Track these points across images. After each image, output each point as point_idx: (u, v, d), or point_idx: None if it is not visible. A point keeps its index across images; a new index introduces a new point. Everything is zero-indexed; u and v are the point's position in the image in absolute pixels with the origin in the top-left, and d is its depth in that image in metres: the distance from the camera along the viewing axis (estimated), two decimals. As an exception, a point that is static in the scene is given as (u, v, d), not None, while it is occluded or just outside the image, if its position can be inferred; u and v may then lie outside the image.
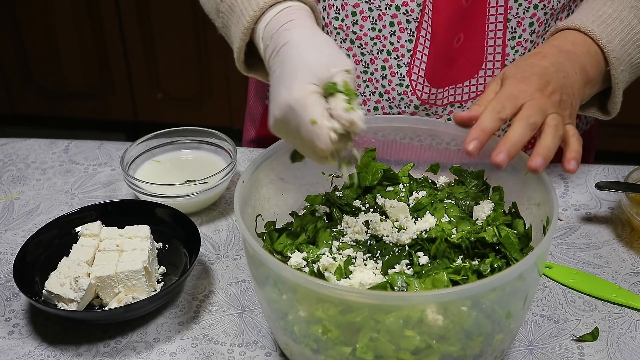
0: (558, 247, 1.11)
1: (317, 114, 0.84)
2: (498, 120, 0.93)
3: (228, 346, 0.96)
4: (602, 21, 1.05)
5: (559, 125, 0.94)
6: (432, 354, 0.82)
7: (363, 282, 0.87)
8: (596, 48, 1.04)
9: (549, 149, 0.92)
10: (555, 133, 0.93)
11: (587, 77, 1.02)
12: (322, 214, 1.00)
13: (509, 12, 1.12)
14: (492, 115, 0.93)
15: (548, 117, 0.94)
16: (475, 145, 0.92)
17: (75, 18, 2.86)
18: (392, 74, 1.16)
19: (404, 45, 1.14)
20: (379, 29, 1.14)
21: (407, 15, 1.12)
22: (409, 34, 1.13)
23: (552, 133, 0.93)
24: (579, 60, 1.02)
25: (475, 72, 1.16)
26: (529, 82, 0.97)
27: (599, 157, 1.46)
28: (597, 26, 1.04)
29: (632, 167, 1.17)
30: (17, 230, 1.16)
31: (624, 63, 1.05)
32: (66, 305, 0.97)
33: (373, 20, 1.14)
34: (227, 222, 1.17)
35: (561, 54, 1.02)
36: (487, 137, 0.93)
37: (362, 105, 1.20)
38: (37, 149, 1.33)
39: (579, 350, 0.95)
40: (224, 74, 2.86)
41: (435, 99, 1.18)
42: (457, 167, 1.04)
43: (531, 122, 0.93)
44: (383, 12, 1.13)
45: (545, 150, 0.92)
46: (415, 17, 1.12)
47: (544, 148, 0.92)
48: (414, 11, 1.11)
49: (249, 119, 1.44)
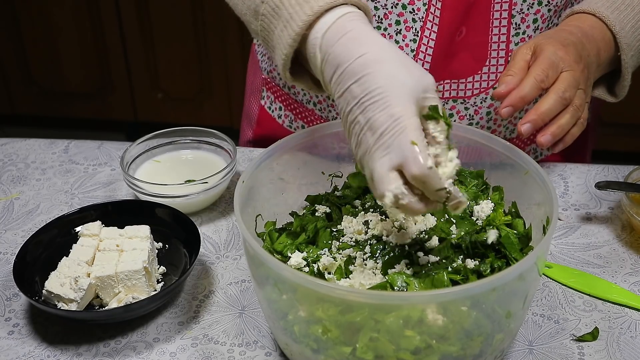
0: (558, 247, 1.11)
1: (420, 136, 0.78)
2: (539, 89, 0.95)
3: (228, 346, 0.96)
4: (616, 7, 1.09)
5: (582, 106, 0.97)
6: (432, 353, 0.82)
7: (363, 282, 0.87)
8: (610, 34, 1.08)
9: (562, 129, 0.94)
10: (574, 114, 0.96)
11: (599, 61, 1.07)
12: (322, 214, 1.00)
13: (514, 8, 1.12)
14: (534, 84, 0.95)
15: (577, 94, 0.96)
16: (509, 112, 0.94)
17: (75, 18, 2.86)
18: None
19: (409, 44, 1.14)
20: (384, 28, 1.14)
21: (413, 14, 1.12)
22: (414, 33, 1.13)
23: (572, 113, 0.96)
24: (596, 44, 1.06)
25: (479, 68, 1.16)
26: (568, 51, 1.00)
27: (599, 157, 1.46)
28: (611, 12, 1.08)
29: (632, 167, 1.16)
30: (17, 230, 1.16)
31: (633, 49, 1.10)
32: (66, 305, 0.97)
33: (379, 19, 1.13)
34: (227, 222, 1.17)
35: (583, 35, 1.05)
36: (524, 104, 0.95)
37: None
38: (37, 149, 1.34)
39: (579, 350, 0.95)
40: (224, 74, 2.86)
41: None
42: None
43: (566, 97, 0.95)
44: (389, 11, 1.13)
45: (558, 129, 0.94)
46: (421, 17, 1.12)
47: (557, 127, 0.94)
48: (420, 10, 1.11)
49: (245, 119, 1.44)
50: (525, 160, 0.95)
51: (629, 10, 1.09)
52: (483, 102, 1.19)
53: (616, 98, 1.15)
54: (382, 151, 0.79)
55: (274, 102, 1.33)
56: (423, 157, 0.77)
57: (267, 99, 1.34)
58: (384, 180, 0.79)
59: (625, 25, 1.08)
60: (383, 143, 0.78)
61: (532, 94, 0.95)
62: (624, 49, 1.08)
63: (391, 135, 0.78)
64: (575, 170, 1.26)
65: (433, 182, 0.78)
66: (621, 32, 1.08)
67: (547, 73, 0.96)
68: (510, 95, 0.95)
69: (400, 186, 0.79)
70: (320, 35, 0.84)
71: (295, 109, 1.29)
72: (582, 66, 1.00)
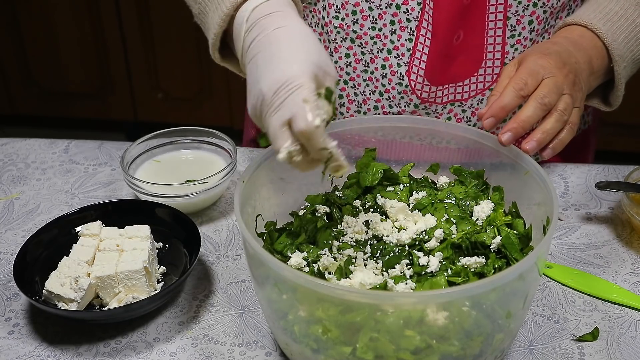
0: (558, 247, 1.11)
1: (312, 97, 0.81)
2: (519, 97, 0.97)
3: (228, 346, 0.96)
4: (609, 19, 1.09)
5: (567, 110, 0.98)
6: (432, 353, 0.82)
7: (363, 282, 0.87)
8: (600, 42, 1.08)
9: (547, 134, 0.96)
10: (559, 118, 0.97)
11: (592, 69, 1.07)
12: (322, 214, 1.00)
13: (509, 9, 1.12)
14: (512, 93, 0.97)
15: (560, 99, 0.97)
16: (492, 123, 0.96)
17: (75, 18, 2.86)
18: (392, 72, 1.17)
19: (404, 44, 1.14)
20: (379, 28, 1.14)
21: (408, 14, 1.12)
22: (409, 32, 1.13)
23: (556, 117, 0.97)
24: (586, 52, 1.07)
25: (475, 70, 1.16)
26: (549, 59, 1.01)
27: (599, 157, 1.46)
28: (603, 24, 1.08)
29: (632, 167, 1.17)
30: (17, 230, 1.16)
31: (626, 60, 1.10)
32: (66, 305, 0.97)
33: (373, 20, 1.14)
34: (227, 222, 1.17)
35: (570, 44, 1.06)
36: (505, 114, 0.97)
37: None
38: (37, 149, 1.34)
39: (579, 350, 0.95)
40: (224, 74, 2.85)
41: (435, 97, 1.18)
42: (457, 167, 1.04)
43: (545, 102, 0.96)
44: (383, 11, 1.13)
45: (542, 135, 0.96)
46: (416, 16, 1.12)
47: (542, 132, 0.96)
48: (414, 10, 1.12)
49: (249, 119, 1.44)
50: (526, 160, 0.96)
51: (622, 21, 1.09)
52: (480, 104, 1.19)
53: (610, 107, 1.15)
54: (275, 107, 0.82)
55: None
56: (312, 114, 0.80)
57: None
58: (277, 137, 0.82)
59: (617, 37, 1.08)
60: (277, 99, 0.82)
61: (512, 103, 0.96)
62: (616, 60, 1.08)
63: (286, 92, 0.81)
64: (576, 170, 1.26)
65: (318, 139, 0.81)
66: (613, 44, 1.08)
67: (525, 81, 0.97)
68: (492, 106, 0.97)
69: (292, 143, 0.82)
70: (247, 14, 0.90)
71: None
72: (565, 71, 1.00)
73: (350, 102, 1.21)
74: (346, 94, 1.21)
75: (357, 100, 1.21)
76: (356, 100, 1.21)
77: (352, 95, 1.20)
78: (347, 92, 1.20)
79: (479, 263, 0.90)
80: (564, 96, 0.99)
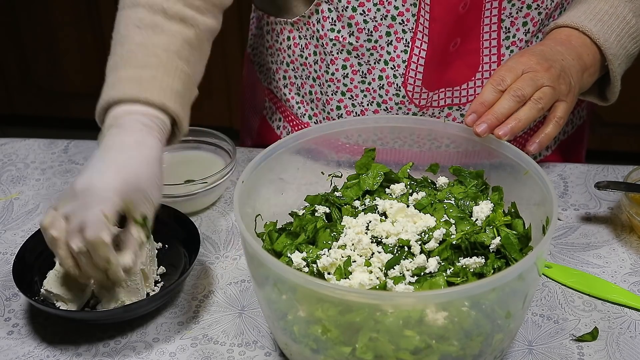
0: (558, 247, 1.11)
1: (112, 214, 0.89)
2: (497, 92, 1.00)
3: (228, 346, 0.96)
4: (599, 19, 1.09)
5: (543, 99, 1.00)
6: (431, 353, 0.82)
7: (363, 282, 0.87)
8: (589, 39, 1.09)
9: (520, 121, 0.99)
10: (532, 106, 1.00)
11: (584, 64, 1.08)
12: (322, 214, 1.00)
13: (503, 12, 1.12)
14: (490, 88, 1.00)
15: (542, 90, 0.99)
16: (473, 119, 0.99)
17: (75, 18, 2.86)
18: (389, 83, 1.16)
19: (400, 55, 1.14)
20: (375, 40, 1.14)
21: (403, 25, 1.12)
22: (405, 44, 1.13)
23: (530, 106, 1.00)
24: (574, 49, 1.08)
25: (472, 74, 1.16)
26: (530, 56, 1.03)
27: (599, 156, 1.46)
28: (594, 25, 1.08)
29: (632, 167, 1.17)
30: (16, 230, 1.16)
31: (620, 57, 1.11)
32: (65, 305, 0.97)
33: (369, 32, 1.13)
34: (227, 222, 1.17)
35: (557, 43, 1.08)
36: (485, 109, 0.99)
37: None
38: (37, 149, 1.33)
39: (579, 350, 0.95)
40: (224, 74, 2.86)
41: (431, 102, 1.18)
42: (457, 167, 1.04)
43: (519, 94, 0.99)
44: (379, 23, 1.12)
45: (515, 122, 0.99)
46: (411, 27, 1.12)
47: (514, 119, 0.99)
48: (409, 21, 1.11)
49: (245, 130, 1.44)
50: (525, 160, 0.96)
51: (613, 20, 1.09)
52: None
53: (607, 102, 1.16)
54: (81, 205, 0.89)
55: (275, 112, 1.32)
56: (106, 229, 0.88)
57: (268, 110, 1.34)
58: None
59: (609, 37, 1.09)
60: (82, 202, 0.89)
61: (489, 97, 0.99)
62: (610, 59, 1.09)
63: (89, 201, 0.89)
64: (575, 170, 1.26)
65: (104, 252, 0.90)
66: (605, 43, 1.08)
67: (503, 77, 1.00)
68: (472, 104, 1.00)
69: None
70: (122, 112, 0.97)
71: (292, 121, 1.29)
72: (546, 66, 1.02)
73: (348, 114, 1.21)
74: (344, 105, 1.20)
75: (355, 112, 1.20)
76: (354, 111, 1.21)
77: (350, 107, 1.20)
78: (345, 104, 1.20)
79: (479, 263, 0.90)
80: (544, 88, 1.00)
